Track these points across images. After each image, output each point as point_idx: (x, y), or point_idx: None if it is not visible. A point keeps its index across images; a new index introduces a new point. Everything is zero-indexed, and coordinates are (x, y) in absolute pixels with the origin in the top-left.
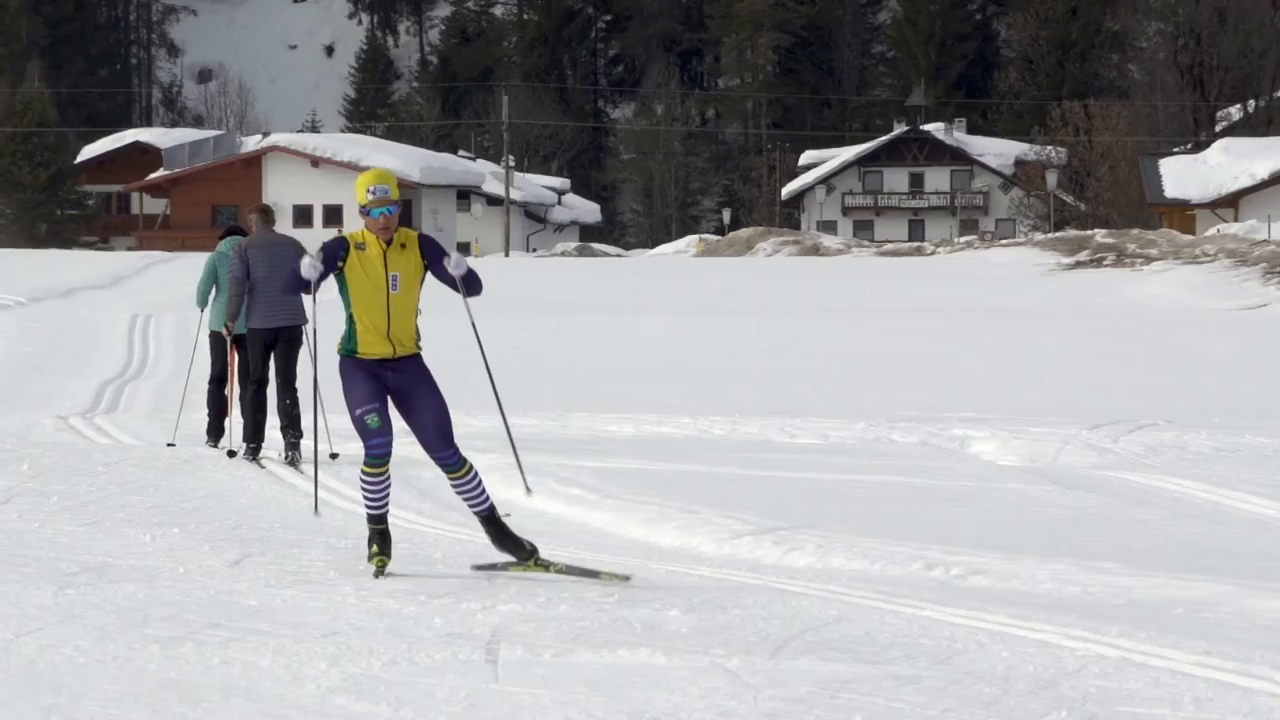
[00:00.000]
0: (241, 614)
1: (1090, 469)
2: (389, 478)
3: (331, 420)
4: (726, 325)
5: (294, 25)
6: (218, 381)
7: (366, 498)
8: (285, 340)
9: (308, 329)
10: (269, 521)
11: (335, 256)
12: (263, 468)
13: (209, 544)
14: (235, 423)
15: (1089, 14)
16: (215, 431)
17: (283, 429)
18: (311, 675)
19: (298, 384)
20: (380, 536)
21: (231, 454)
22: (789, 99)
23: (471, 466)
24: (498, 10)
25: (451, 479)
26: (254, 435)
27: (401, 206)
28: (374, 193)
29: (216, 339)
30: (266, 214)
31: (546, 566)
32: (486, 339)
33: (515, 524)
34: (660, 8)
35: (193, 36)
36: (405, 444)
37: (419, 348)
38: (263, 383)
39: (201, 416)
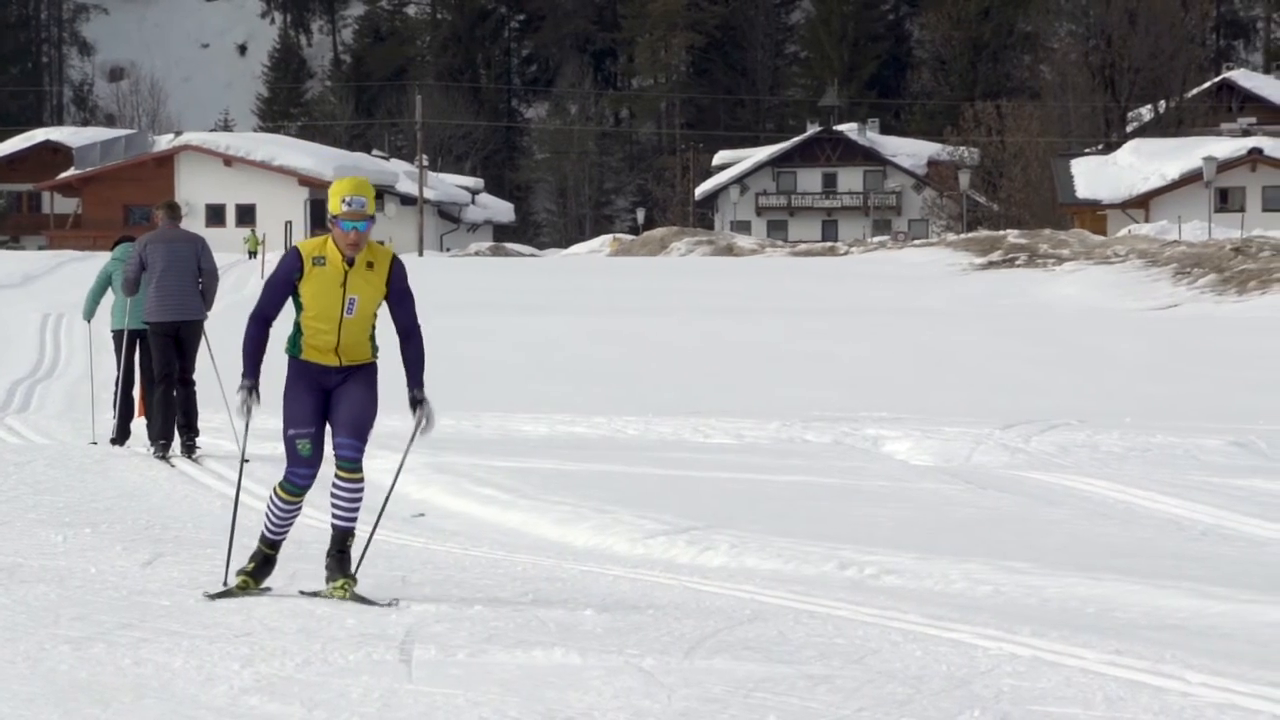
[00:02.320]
0: (154, 614)
1: (1003, 469)
2: (300, 509)
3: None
4: (640, 325)
5: (206, 24)
6: (124, 383)
7: (270, 520)
8: (184, 336)
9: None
10: (181, 522)
11: (289, 286)
12: (173, 466)
13: (121, 544)
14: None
15: (1001, 15)
16: (122, 434)
17: (180, 428)
18: (224, 676)
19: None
20: (264, 560)
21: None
22: (702, 99)
23: (364, 480)
24: (411, 10)
25: (339, 476)
26: (163, 433)
27: (374, 223)
28: (349, 204)
29: (117, 338)
30: (173, 210)
31: (344, 595)
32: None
33: (429, 524)
34: (574, 7)
35: (104, 35)
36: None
37: (374, 358)
38: (169, 381)
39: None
